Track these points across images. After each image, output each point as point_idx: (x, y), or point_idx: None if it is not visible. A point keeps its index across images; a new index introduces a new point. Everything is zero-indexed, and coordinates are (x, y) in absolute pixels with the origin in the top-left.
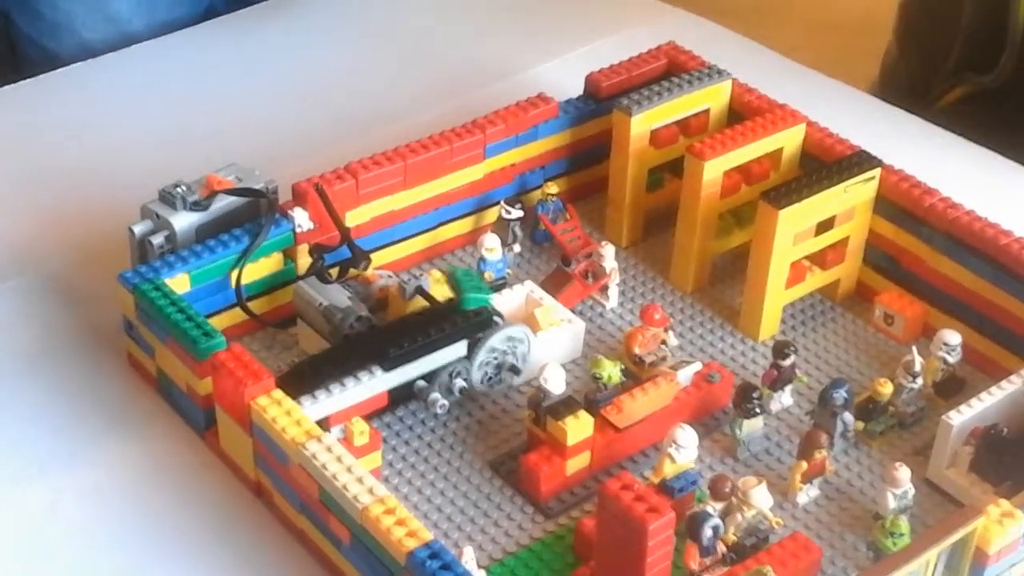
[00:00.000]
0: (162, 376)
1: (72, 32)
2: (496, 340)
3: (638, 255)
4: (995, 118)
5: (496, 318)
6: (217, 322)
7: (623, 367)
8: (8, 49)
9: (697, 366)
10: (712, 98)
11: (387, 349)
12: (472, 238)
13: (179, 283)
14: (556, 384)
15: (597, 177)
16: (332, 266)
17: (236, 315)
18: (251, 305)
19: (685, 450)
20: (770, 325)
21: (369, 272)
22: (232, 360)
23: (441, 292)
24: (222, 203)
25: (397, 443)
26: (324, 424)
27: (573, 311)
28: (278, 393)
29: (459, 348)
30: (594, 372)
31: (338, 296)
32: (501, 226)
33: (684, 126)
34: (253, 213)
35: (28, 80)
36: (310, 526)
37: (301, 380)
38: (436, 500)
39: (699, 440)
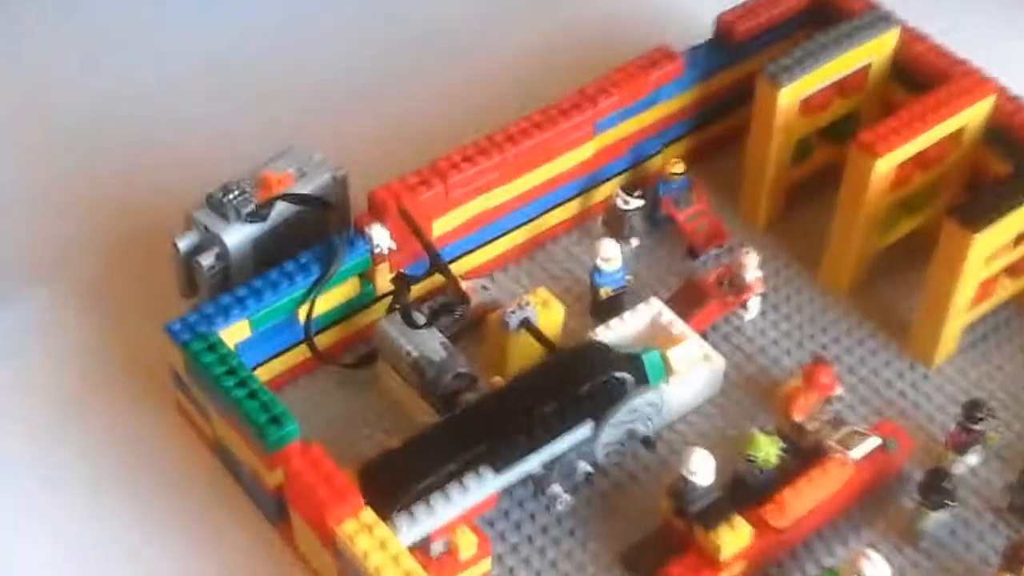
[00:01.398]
0: (221, 447)
1: None
2: (625, 412)
3: (779, 242)
4: None
5: (627, 384)
6: (281, 363)
7: (782, 445)
8: None
9: (874, 442)
10: (874, 51)
11: (498, 447)
12: (578, 221)
13: (238, 330)
14: (704, 477)
15: (725, 133)
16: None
17: (303, 351)
18: (324, 335)
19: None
20: (947, 348)
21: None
22: (308, 467)
23: (548, 318)
24: (281, 208)
25: (507, 529)
26: (425, 539)
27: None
28: (368, 516)
29: (584, 429)
30: (748, 453)
31: (430, 343)
32: (612, 213)
33: (839, 85)
34: (320, 220)
35: None
36: None
37: (391, 483)
38: None
39: (871, 519)
